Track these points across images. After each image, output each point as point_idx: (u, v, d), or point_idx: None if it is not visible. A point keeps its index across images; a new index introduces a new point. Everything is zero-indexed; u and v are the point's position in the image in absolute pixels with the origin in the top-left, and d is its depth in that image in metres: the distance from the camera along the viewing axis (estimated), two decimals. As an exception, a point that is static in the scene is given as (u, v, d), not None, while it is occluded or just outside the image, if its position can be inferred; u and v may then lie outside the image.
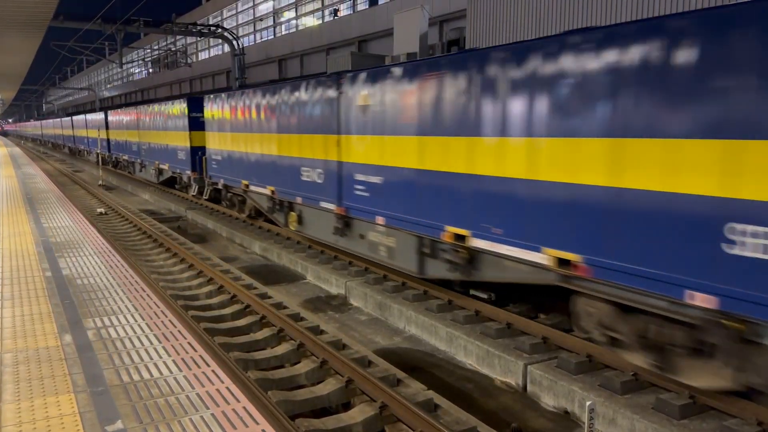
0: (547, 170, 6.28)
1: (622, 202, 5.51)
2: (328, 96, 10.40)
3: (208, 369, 4.58)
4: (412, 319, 8.28)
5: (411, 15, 10.63)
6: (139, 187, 24.84)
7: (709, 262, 4.83)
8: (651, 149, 5.21)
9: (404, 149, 8.56)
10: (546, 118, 6.24)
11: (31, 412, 3.89)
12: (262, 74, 34.91)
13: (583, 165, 5.86)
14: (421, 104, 8.11)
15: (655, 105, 5.16)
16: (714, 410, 5.39)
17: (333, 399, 5.83)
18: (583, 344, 6.66)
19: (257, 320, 7.94)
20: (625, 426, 5.36)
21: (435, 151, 7.96)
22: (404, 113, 8.50)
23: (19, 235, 10.03)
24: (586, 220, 5.87)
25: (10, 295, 6.52)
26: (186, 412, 3.88)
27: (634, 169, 5.38)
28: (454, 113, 7.57)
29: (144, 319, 5.74)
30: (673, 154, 5.05)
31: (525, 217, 6.60)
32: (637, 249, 5.39)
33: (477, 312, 7.94)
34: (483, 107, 7.08)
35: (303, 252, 12.15)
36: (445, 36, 19.78)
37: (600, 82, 5.64)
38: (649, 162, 5.23)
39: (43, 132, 72.13)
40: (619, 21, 11.26)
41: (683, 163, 4.97)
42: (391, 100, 8.74)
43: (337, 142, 10.18)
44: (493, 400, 6.37)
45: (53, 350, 4.95)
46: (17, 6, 14.79)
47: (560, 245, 6.17)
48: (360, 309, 9.42)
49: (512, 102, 6.66)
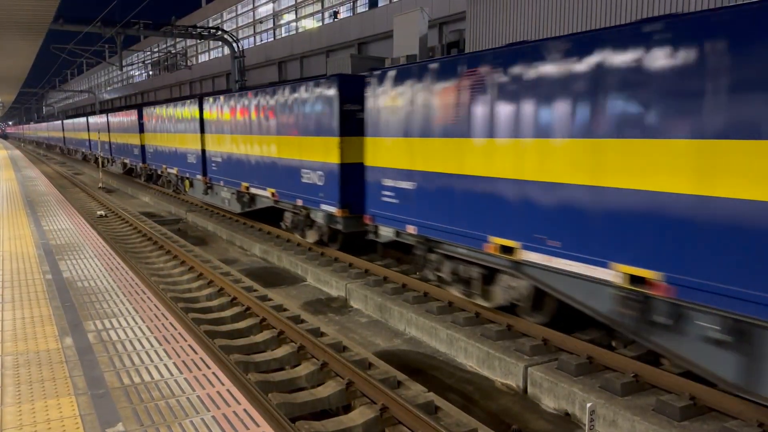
0: (615, 175, 5.64)
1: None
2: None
3: (209, 371, 4.58)
4: (412, 321, 8.27)
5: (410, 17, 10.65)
6: (139, 189, 24.83)
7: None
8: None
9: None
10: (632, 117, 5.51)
11: (31, 414, 3.88)
12: (261, 76, 34.94)
13: (665, 170, 5.25)
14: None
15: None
16: (715, 411, 5.39)
17: (333, 401, 5.83)
18: (583, 346, 6.65)
19: (257, 323, 7.94)
20: (626, 428, 5.36)
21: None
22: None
23: (20, 238, 10.03)
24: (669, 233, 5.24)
25: (11, 298, 6.52)
26: (186, 415, 3.88)
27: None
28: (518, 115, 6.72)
29: (144, 322, 5.74)
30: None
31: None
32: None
33: (477, 314, 7.94)
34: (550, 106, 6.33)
35: (303, 254, 12.15)
36: (444, 38, 19.81)
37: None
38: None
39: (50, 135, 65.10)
40: (619, 21, 11.28)
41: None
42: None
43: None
44: (494, 402, 6.37)
45: (54, 353, 4.94)
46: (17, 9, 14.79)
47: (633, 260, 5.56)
48: (360, 311, 9.42)
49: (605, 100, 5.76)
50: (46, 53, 32.86)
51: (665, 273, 5.28)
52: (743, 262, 4.72)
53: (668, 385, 5.74)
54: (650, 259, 5.39)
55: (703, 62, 4.91)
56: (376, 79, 9.34)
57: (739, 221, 4.71)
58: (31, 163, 33.64)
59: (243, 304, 8.67)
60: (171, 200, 21.12)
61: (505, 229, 6.99)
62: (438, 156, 8.06)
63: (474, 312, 7.99)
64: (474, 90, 7.31)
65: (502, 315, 7.75)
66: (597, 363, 6.37)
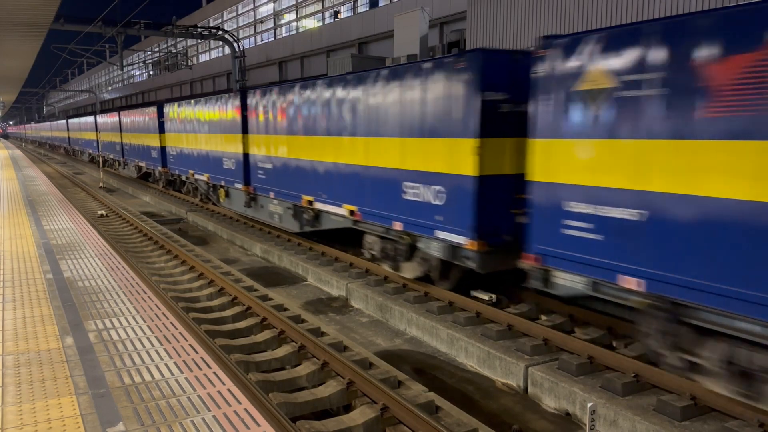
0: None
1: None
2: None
3: (209, 371, 4.58)
4: (413, 320, 8.27)
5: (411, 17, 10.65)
6: (139, 189, 24.84)
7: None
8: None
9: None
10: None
11: (32, 414, 3.89)
12: (262, 76, 34.96)
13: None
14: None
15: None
16: (716, 412, 5.39)
17: (334, 401, 5.83)
18: (584, 346, 6.65)
19: (258, 322, 7.94)
20: (627, 428, 5.36)
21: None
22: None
23: (20, 238, 10.04)
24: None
25: (12, 298, 6.52)
26: (187, 414, 3.89)
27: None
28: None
29: (145, 321, 5.74)
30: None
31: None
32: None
33: (478, 314, 7.93)
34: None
35: (304, 254, 12.15)
36: (445, 38, 19.81)
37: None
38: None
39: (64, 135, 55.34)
40: (619, 22, 11.27)
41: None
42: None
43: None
44: (494, 401, 6.37)
45: (54, 352, 4.95)
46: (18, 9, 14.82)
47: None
48: (361, 311, 9.42)
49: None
50: (47, 53, 32.97)
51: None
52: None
53: (669, 385, 5.74)
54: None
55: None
56: (560, 50, 6.26)
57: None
58: (31, 163, 33.67)
59: (243, 304, 8.67)
60: (171, 200, 21.12)
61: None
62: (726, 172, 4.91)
63: (475, 312, 7.99)
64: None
65: (503, 315, 7.75)
66: (598, 363, 6.37)
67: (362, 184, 9.85)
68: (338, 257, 11.43)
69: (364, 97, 9.64)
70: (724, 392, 5.24)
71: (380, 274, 10.11)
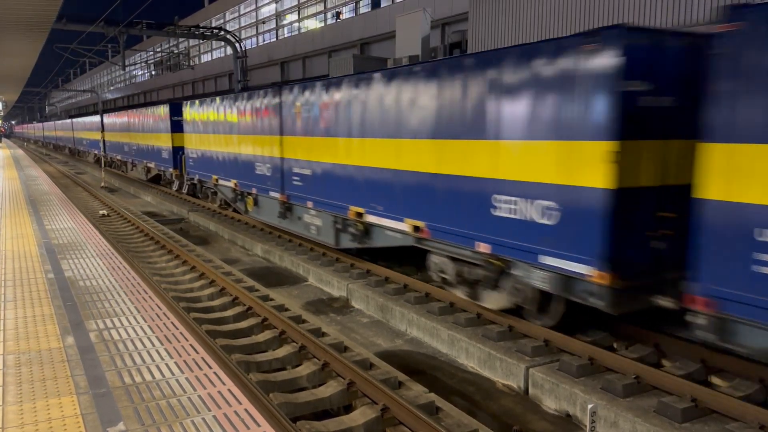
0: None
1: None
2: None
3: (210, 371, 4.59)
4: (413, 321, 8.27)
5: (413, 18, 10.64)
6: (141, 189, 24.87)
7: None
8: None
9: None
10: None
11: (33, 413, 3.89)
12: (264, 77, 34.98)
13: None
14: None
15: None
16: (716, 413, 5.38)
17: (334, 401, 5.83)
18: (584, 347, 6.65)
19: (259, 322, 7.94)
20: (627, 429, 5.35)
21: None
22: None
23: (22, 237, 10.05)
24: None
25: (13, 297, 6.53)
26: (188, 414, 3.89)
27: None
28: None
29: (146, 321, 5.75)
30: None
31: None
32: None
33: (479, 315, 7.93)
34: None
35: (305, 254, 12.15)
36: (447, 39, 19.80)
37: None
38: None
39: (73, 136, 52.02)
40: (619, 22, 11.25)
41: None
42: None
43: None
44: (495, 403, 6.36)
45: (55, 352, 4.95)
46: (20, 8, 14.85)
47: None
48: (362, 311, 9.42)
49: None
50: (50, 52, 32.93)
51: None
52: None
53: (670, 387, 5.73)
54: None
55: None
56: (761, 23, 4.65)
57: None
58: (33, 163, 33.71)
59: (244, 304, 8.68)
60: (173, 200, 21.14)
61: None
62: None
63: (476, 313, 7.99)
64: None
65: (503, 316, 7.75)
66: (598, 364, 6.36)
67: (432, 195, 8.23)
68: (339, 257, 11.43)
69: (439, 91, 7.99)
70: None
71: (381, 275, 10.10)
